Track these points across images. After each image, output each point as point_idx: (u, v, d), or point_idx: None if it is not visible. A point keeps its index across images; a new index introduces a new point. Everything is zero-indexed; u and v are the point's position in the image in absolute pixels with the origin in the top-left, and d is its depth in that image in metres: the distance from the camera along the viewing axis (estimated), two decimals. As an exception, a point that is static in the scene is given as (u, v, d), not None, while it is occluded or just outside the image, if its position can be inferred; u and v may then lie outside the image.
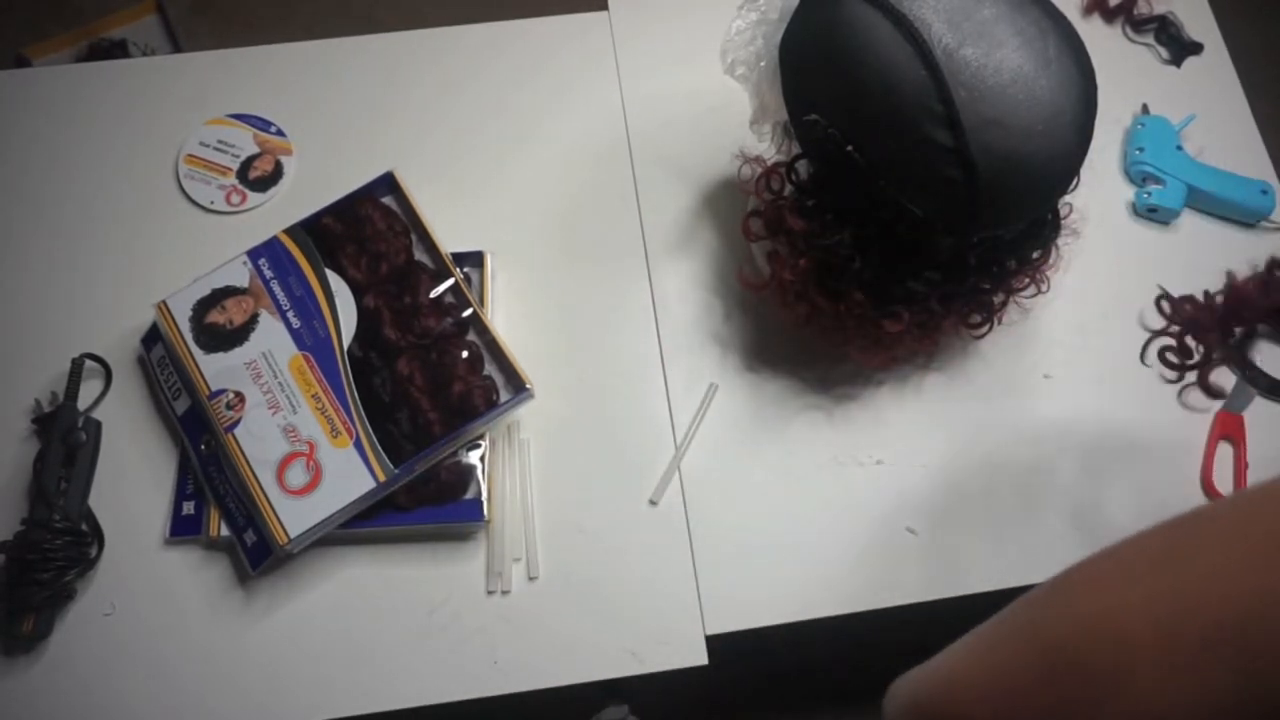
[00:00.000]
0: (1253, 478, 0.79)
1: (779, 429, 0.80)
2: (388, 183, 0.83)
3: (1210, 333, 0.79)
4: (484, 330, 0.78)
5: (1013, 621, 0.42)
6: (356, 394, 0.75)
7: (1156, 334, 0.82)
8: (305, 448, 0.73)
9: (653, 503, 0.78)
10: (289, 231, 0.81)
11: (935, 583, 0.76)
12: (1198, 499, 0.79)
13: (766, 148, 0.78)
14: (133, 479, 0.78)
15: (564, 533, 0.77)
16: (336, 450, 0.73)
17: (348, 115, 0.93)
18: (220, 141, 0.91)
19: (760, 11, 0.71)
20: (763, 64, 0.72)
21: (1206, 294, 0.83)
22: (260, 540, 0.73)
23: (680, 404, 0.81)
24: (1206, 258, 0.88)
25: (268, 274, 0.79)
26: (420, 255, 0.81)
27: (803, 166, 0.72)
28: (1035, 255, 0.73)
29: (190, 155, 0.90)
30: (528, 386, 0.76)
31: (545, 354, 0.82)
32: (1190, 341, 0.81)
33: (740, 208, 0.84)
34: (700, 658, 0.73)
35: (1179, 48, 0.97)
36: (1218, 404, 0.82)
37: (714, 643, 0.74)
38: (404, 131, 0.92)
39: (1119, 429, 0.81)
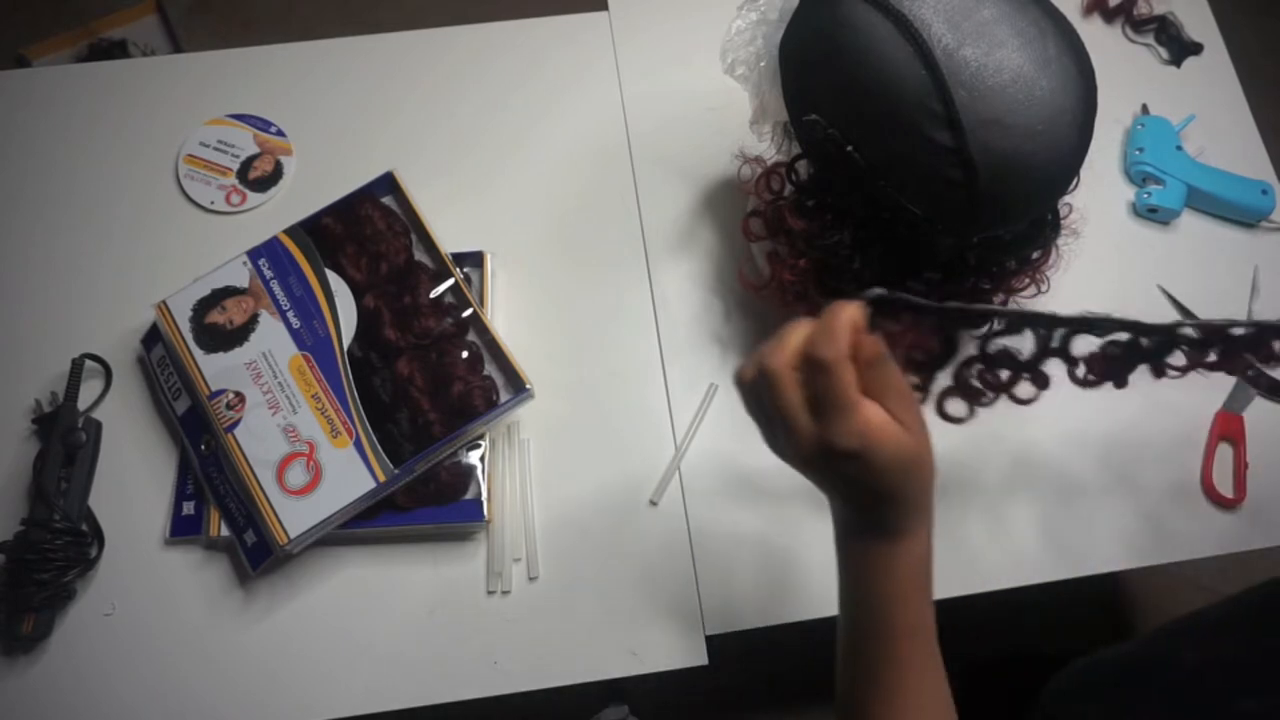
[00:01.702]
0: (1252, 478, 0.79)
1: (779, 429, 0.80)
2: (388, 183, 0.83)
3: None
4: (484, 330, 0.78)
5: None
6: (356, 394, 0.75)
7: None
8: (305, 448, 0.73)
9: (653, 503, 0.78)
10: (289, 231, 0.81)
11: (935, 583, 0.75)
12: (1198, 499, 0.79)
13: (766, 148, 0.78)
14: (133, 479, 0.78)
15: (564, 533, 0.77)
16: (336, 450, 0.73)
17: (348, 115, 0.93)
18: (220, 141, 0.91)
19: (760, 11, 0.71)
20: (763, 64, 0.72)
21: None
22: (260, 540, 0.73)
23: (680, 404, 0.81)
24: (1206, 258, 0.88)
25: (268, 274, 0.79)
26: (420, 255, 0.81)
27: (803, 166, 0.72)
28: (1035, 255, 0.73)
29: (190, 155, 0.90)
30: (528, 386, 0.76)
31: (545, 354, 0.82)
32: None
33: (740, 208, 0.84)
34: (700, 658, 0.73)
35: (1179, 48, 0.97)
36: (1218, 404, 0.82)
37: (714, 643, 0.74)
38: (404, 131, 0.92)
39: (1119, 429, 0.81)
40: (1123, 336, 0.60)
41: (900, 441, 0.52)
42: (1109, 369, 0.63)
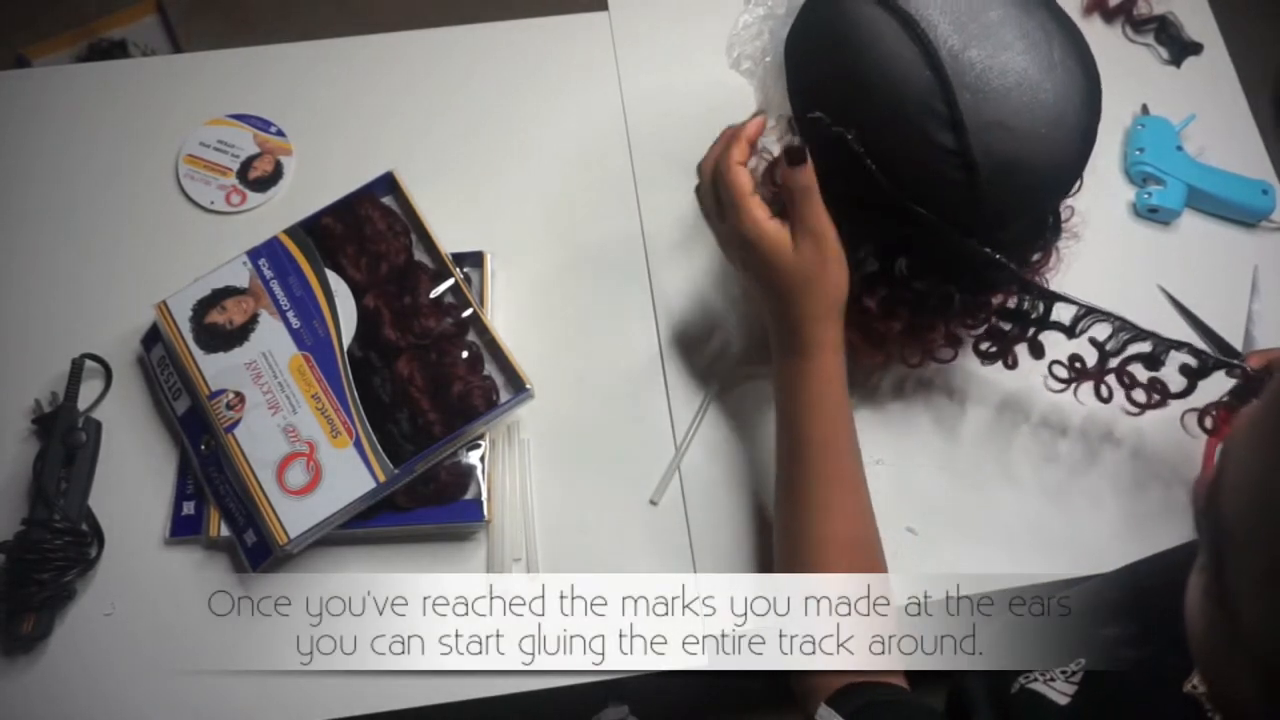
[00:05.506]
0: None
1: (779, 429, 0.80)
2: (388, 183, 0.83)
3: None
4: (484, 330, 0.78)
5: None
6: (356, 394, 0.75)
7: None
8: (305, 448, 0.73)
9: (653, 503, 0.78)
10: (289, 231, 0.81)
11: (935, 583, 0.75)
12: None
13: (771, 141, 0.77)
14: (133, 479, 0.77)
15: (564, 533, 0.77)
16: (336, 450, 0.73)
17: (348, 115, 0.93)
18: (220, 141, 0.91)
19: (767, 6, 0.71)
20: (768, 59, 0.72)
21: None
22: (260, 540, 0.73)
23: (680, 404, 0.81)
24: (1207, 258, 0.88)
25: (268, 274, 0.79)
26: (420, 255, 0.81)
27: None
28: (1035, 257, 0.73)
29: (190, 155, 0.90)
30: (528, 386, 0.76)
31: (545, 354, 0.82)
32: None
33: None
34: (700, 658, 0.73)
35: (1179, 48, 0.97)
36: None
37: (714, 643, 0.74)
38: (404, 131, 0.92)
39: (1119, 428, 0.81)
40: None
41: (784, 248, 0.65)
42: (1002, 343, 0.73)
